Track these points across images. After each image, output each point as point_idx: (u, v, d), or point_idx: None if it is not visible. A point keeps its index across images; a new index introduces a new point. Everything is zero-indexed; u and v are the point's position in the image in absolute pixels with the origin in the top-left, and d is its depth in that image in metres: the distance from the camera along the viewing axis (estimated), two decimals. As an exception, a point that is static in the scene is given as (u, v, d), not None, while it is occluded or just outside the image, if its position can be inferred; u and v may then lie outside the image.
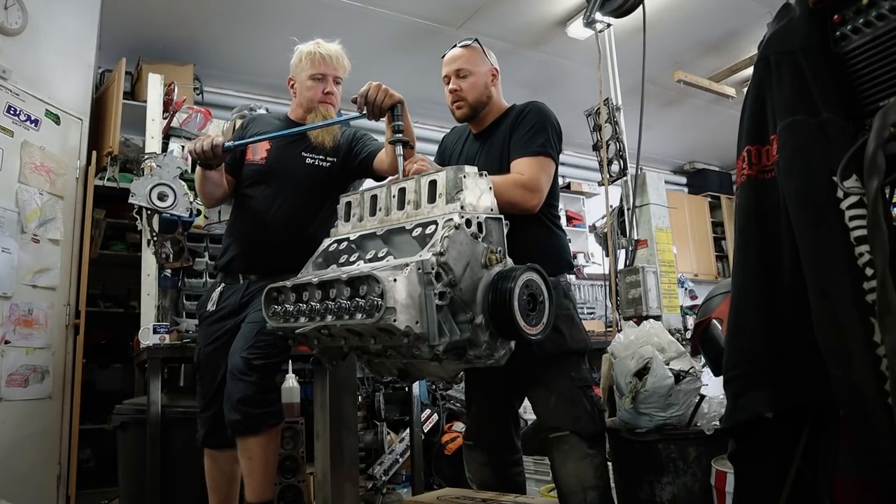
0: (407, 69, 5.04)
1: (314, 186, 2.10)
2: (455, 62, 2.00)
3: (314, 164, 2.12)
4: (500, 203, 1.65)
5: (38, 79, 3.03)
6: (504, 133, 1.94)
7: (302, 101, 2.13)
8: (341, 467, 2.05)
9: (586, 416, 1.82)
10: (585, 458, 1.78)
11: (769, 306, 1.04)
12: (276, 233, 2.05)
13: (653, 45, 3.81)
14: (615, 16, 3.98)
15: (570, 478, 1.79)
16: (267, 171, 2.10)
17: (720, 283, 3.07)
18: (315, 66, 2.09)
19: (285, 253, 1.98)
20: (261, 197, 2.08)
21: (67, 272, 3.04)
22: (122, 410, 2.58)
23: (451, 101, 2.01)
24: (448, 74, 2.01)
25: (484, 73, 1.99)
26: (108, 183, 3.49)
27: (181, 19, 4.20)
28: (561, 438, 1.81)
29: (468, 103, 1.98)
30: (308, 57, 2.09)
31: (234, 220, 2.17)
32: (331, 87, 2.12)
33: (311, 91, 2.10)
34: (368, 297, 1.32)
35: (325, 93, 2.10)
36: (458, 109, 2.01)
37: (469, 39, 2.03)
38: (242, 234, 2.11)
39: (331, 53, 2.11)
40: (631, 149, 4.15)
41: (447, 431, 3.43)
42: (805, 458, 1.05)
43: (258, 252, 2.06)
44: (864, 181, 0.89)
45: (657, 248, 4.29)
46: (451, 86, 2.00)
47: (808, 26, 1.04)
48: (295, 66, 2.13)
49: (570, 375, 1.84)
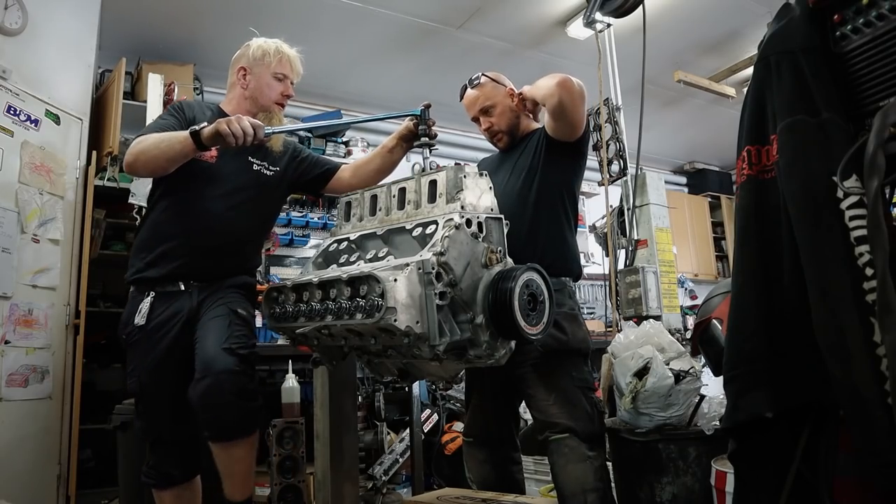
0: (407, 69, 5.05)
1: (259, 195, 2.00)
2: (476, 103, 2.06)
3: (259, 171, 2.00)
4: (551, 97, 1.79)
5: (38, 79, 3.03)
6: (533, 145, 1.99)
7: (255, 96, 1.99)
8: (341, 467, 2.05)
9: (586, 417, 1.82)
10: (585, 461, 1.78)
11: (769, 306, 1.04)
12: (226, 238, 1.91)
13: (653, 45, 3.81)
14: (615, 16, 3.98)
15: (571, 480, 1.78)
16: (218, 171, 1.92)
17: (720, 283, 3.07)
18: (282, 65, 2.01)
19: (233, 260, 1.93)
20: (210, 198, 1.89)
21: (67, 272, 3.04)
22: (122, 410, 2.57)
23: (490, 137, 2.09)
24: (475, 116, 2.08)
25: (504, 98, 2.05)
26: (108, 183, 3.49)
27: (181, 19, 4.20)
28: (561, 441, 1.81)
29: (504, 132, 2.06)
30: (276, 55, 2.00)
31: (171, 221, 1.90)
32: (290, 89, 2.05)
33: (271, 90, 2.00)
34: (369, 297, 1.32)
35: (284, 94, 2.03)
36: (499, 142, 2.09)
37: (476, 77, 2.08)
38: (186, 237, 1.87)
39: (295, 58, 2.05)
40: (631, 149, 4.15)
41: (447, 431, 3.43)
42: (805, 458, 1.05)
43: (206, 258, 1.89)
44: (864, 181, 0.89)
45: (657, 248, 4.29)
46: (483, 125, 2.07)
47: (808, 26, 1.04)
48: (255, 59, 1.99)
49: (571, 375, 1.85)
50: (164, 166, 1.79)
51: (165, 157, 1.76)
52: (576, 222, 2.04)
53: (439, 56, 4.80)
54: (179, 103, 2.01)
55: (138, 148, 1.78)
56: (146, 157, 1.77)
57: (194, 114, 1.95)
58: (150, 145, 1.77)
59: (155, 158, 1.76)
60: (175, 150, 1.75)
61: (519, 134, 2.07)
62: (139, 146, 1.78)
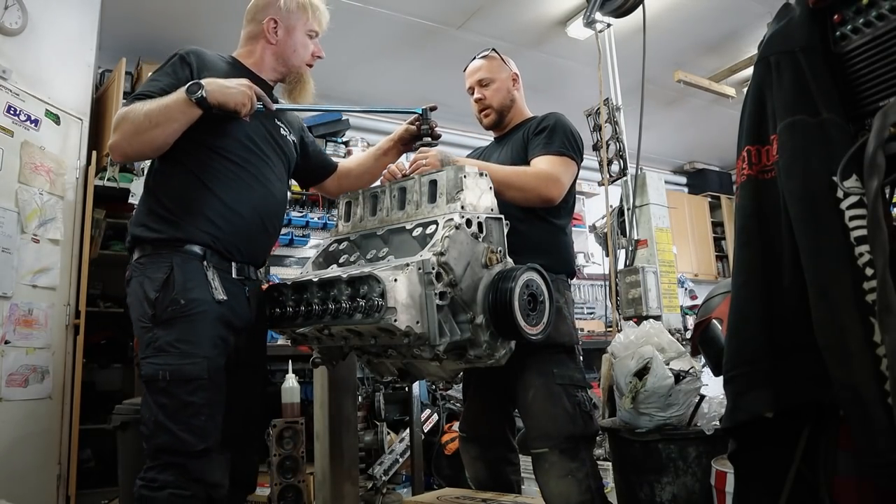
0: (407, 69, 5.04)
1: (290, 166, 1.79)
2: (476, 73, 2.05)
3: (289, 140, 1.76)
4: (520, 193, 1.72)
5: (38, 79, 3.03)
6: (524, 135, 1.97)
7: (286, 54, 1.71)
8: (341, 467, 2.05)
9: (566, 419, 1.75)
10: (567, 476, 1.73)
11: (769, 306, 1.04)
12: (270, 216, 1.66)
13: (653, 45, 3.81)
14: (615, 16, 3.98)
15: (554, 497, 1.76)
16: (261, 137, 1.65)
17: (720, 283, 3.07)
18: (318, 21, 1.76)
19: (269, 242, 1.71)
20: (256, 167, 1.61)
21: (67, 272, 3.04)
22: (122, 410, 2.56)
23: (478, 109, 2.07)
24: (471, 85, 2.07)
25: (505, 78, 2.05)
26: (108, 183, 3.49)
27: (181, 19, 4.20)
28: (540, 456, 1.76)
29: (494, 109, 2.04)
30: (313, 9, 1.74)
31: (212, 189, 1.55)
32: (321, 50, 1.79)
33: (305, 49, 1.73)
34: (369, 297, 1.32)
35: (314, 55, 1.77)
36: (485, 117, 2.07)
37: (487, 50, 2.08)
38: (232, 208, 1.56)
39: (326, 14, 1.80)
40: (631, 149, 4.15)
41: (447, 431, 3.43)
42: (805, 458, 1.05)
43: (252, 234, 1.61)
44: (864, 181, 0.89)
45: (657, 248, 4.29)
46: (475, 95, 2.06)
47: (808, 26, 1.04)
48: (289, 10, 1.70)
49: (552, 371, 1.78)
50: (158, 138, 1.45)
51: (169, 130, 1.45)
52: (570, 216, 2.03)
53: (439, 56, 4.79)
54: (186, 52, 1.61)
55: (125, 126, 1.44)
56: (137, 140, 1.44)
57: (206, 67, 1.59)
58: (140, 121, 1.43)
59: (147, 135, 1.43)
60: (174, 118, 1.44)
61: (509, 117, 2.06)
62: (125, 124, 1.44)
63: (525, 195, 1.75)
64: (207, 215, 1.52)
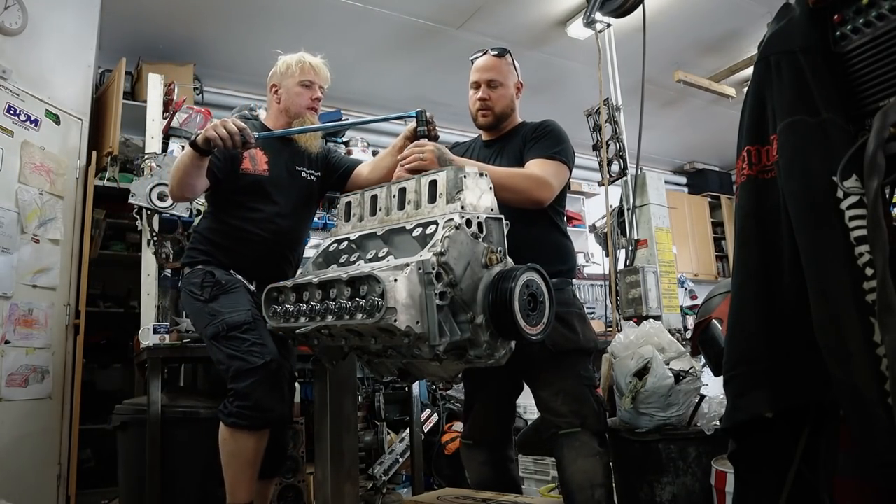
0: (407, 69, 5.05)
1: (307, 201, 2.19)
2: (488, 71, 2.01)
3: (307, 179, 2.16)
4: (511, 194, 1.72)
5: (38, 79, 3.03)
6: (520, 142, 1.98)
7: (288, 107, 2.12)
8: (341, 467, 2.05)
9: (594, 415, 1.84)
10: (595, 456, 1.80)
11: (769, 306, 1.04)
12: (280, 248, 2.08)
13: (653, 45, 3.82)
14: (615, 16, 3.98)
15: (580, 474, 1.79)
16: (269, 183, 2.06)
17: (720, 283, 3.07)
18: (305, 73, 2.12)
19: (285, 267, 2.09)
20: (268, 211, 2.04)
21: (67, 272, 3.04)
22: (122, 410, 2.57)
23: (478, 108, 2.03)
24: (479, 81, 2.02)
25: (512, 86, 2.04)
26: (108, 183, 3.49)
27: (181, 19, 4.20)
28: (571, 435, 1.82)
29: (494, 113, 2.02)
30: (298, 65, 2.13)
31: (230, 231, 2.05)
32: (318, 93, 2.16)
33: (300, 97, 2.11)
34: (369, 297, 1.32)
35: (313, 99, 2.13)
36: (482, 117, 2.03)
37: (497, 49, 2.05)
38: (246, 247, 2.03)
39: (318, 64, 2.16)
40: (631, 149, 4.15)
41: (447, 431, 3.44)
42: (805, 458, 1.05)
43: (263, 265, 2.04)
44: (864, 181, 0.89)
45: (657, 248, 4.29)
46: (480, 94, 2.02)
47: (808, 26, 1.04)
48: (281, 74, 2.14)
49: (580, 374, 1.87)
50: (187, 183, 1.93)
51: (181, 176, 1.92)
52: (564, 217, 2.05)
53: (439, 56, 4.80)
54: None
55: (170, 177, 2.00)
56: (174, 182, 1.96)
57: None
58: (173, 170, 1.97)
59: (179, 180, 1.93)
60: (185, 167, 1.89)
61: (505, 123, 2.06)
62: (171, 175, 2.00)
63: (516, 196, 1.76)
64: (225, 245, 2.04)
